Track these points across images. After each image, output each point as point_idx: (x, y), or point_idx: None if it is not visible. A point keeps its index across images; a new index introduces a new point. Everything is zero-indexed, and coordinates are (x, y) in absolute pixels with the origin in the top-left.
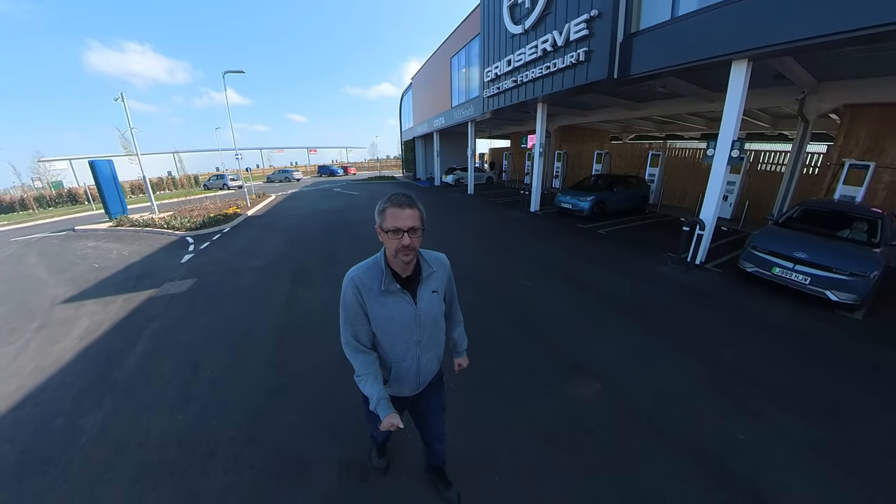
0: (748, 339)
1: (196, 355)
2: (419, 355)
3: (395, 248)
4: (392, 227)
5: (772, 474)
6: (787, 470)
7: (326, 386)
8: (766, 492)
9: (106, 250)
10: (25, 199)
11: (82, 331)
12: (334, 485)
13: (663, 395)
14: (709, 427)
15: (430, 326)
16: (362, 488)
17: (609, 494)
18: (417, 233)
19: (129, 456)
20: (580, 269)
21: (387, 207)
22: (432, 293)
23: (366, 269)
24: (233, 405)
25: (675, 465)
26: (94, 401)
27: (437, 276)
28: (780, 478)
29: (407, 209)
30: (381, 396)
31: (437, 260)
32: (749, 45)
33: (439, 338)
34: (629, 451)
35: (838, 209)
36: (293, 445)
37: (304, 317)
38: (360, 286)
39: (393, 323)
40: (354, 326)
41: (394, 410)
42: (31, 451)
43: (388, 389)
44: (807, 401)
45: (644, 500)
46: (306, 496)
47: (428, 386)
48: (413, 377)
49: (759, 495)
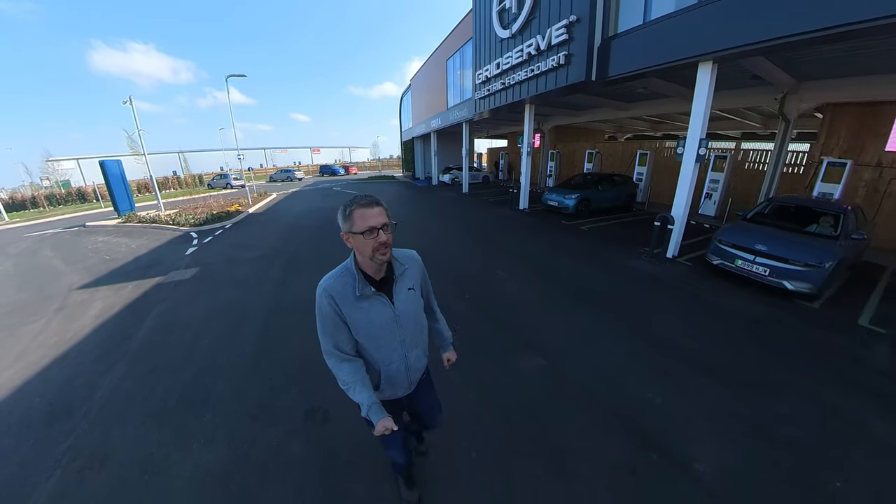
0: (699, 324)
1: (197, 329)
2: (405, 354)
3: (373, 247)
4: (366, 227)
5: (684, 435)
6: (702, 432)
7: (302, 353)
8: (677, 449)
9: (116, 244)
10: (36, 197)
11: (97, 311)
12: (299, 425)
13: (602, 368)
14: (636, 396)
15: (412, 324)
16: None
17: (533, 445)
18: (389, 227)
19: (138, 405)
20: (555, 262)
21: (354, 209)
22: (409, 290)
23: (337, 276)
24: (223, 367)
25: (597, 423)
26: (109, 365)
27: (410, 273)
28: (693, 438)
29: (375, 207)
30: (372, 402)
31: (408, 257)
32: (711, 48)
33: (423, 334)
34: (560, 412)
35: (804, 204)
36: (269, 396)
37: (290, 299)
38: (335, 294)
39: (374, 327)
40: (334, 336)
41: (386, 414)
42: (58, 402)
43: (381, 395)
44: (739, 378)
45: (566, 449)
46: (275, 432)
47: (419, 383)
48: (404, 377)
49: (666, 450)
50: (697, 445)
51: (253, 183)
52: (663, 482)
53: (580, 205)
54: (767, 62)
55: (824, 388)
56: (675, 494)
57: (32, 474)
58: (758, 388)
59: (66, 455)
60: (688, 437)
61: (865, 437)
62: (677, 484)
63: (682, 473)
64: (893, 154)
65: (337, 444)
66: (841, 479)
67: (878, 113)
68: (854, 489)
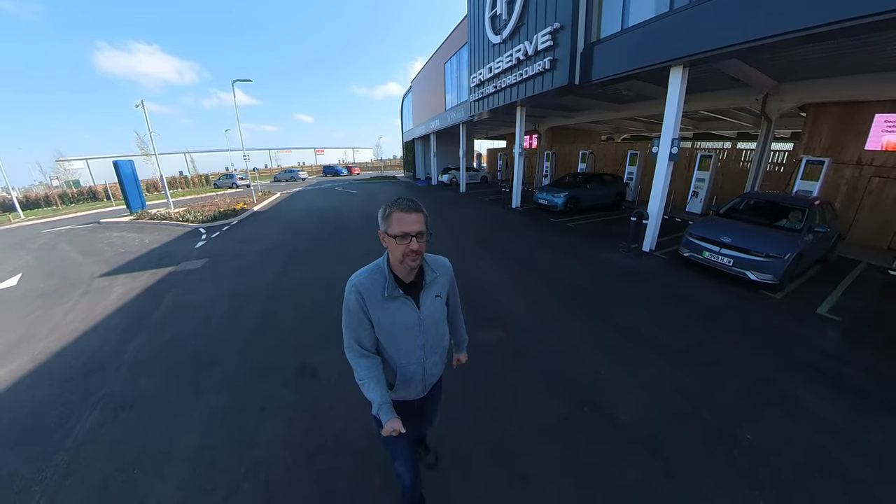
0: (659, 310)
1: (207, 309)
2: (424, 359)
3: (403, 252)
4: (400, 232)
5: (619, 396)
6: (635, 395)
7: (295, 328)
8: (608, 406)
9: (129, 239)
10: (49, 195)
11: (118, 295)
12: (291, 379)
13: (556, 343)
14: (585, 367)
15: (434, 330)
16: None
17: (485, 406)
18: (424, 237)
19: (159, 364)
20: (535, 255)
21: (393, 212)
22: (435, 298)
23: (368, 274)
24: (230, 337)
25: (544, 387)
26: (132, 335)
27: (440, 281)
28: (626, 399)
29: (413, 213)
30: (384, 401)
31: (439, 265)
32: (681, 53)
33: (443, 341)
34: (511, 378)
35: (774, 200)
36: (268, 358)
37: (288, 286)
38: (363, 292)
39: (397, 328)
40: (357, 331)
41: (396, 415)
42: (92, 362)
43: (394, 394)
44: (683, 354)
45: (515, 409)
46: (271, 385)
47: (432, 388)
48: (419, 381)
49: (599, 406)
50: (627, 403)
51: (258, 183)
52: (588, 427)
53: (569, 203)
54: (743, 64)
55: (763, 363)
56: (596, 434)
57: (76, 412)
58: (699, 363)
59: (102, 399)
60: (621, 398)
61: (787, 402)
62: (599, 427)
63: (607, 421)
64: (873, 152)
65: (321, 393)
66: (752, 433)
67: (858, 112)
68: (761, 441)
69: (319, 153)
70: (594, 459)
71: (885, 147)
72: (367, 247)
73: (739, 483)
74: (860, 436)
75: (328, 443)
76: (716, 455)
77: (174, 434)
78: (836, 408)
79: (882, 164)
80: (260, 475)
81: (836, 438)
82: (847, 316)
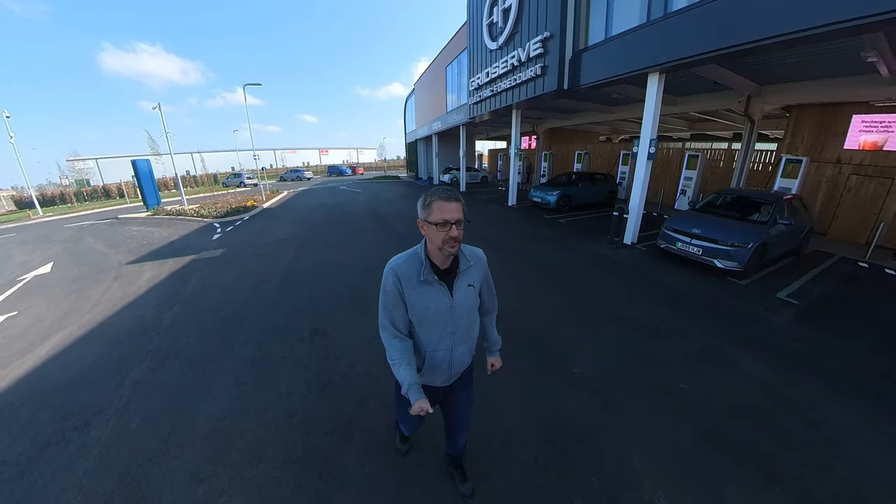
0: (630, 291)
1: (229, 286)
2: (452, 346)
3: (443, 239)
4: (440, 220)
5: (577, 355)
6: (591, 354)
7: (308, 300)
8: (565, 361)
9: (149, 232)
10: (65, 193)
11: (148, 278)
12: (305, 337)
13: (532, 315)
14: (552, 333)
15: (465, 319)
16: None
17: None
18: (461, 224)
19: (193, 328)
20: (523, 246)
21: (433, 200)
22: (468, 287)
23: (405, 259)
24: (253, 307)
25: (517, 349)
26: (168, 307)
27: (473, 271)
28: (582, 357)
29: (453, 202)
30: (413, 382)
31: (474, 255)
32: (655, 61)
33: (473, 332)
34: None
35: (745, 195)
36: (285, 322)
37: (300, 269)
38: (400, 275)
39: (429, 312)
40: (392, 312)
41: (424, 396)
42: (136, 327)
43: (421, 379)
44: (643, 326)
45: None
46: (289, 341)
47: (458, 379)
48: (446, 368)
49: (557, 360)
50: (582, 360)
51: (265, 182)
52: (544, 375)
53: (561, 200)
54: (722, 69)
55: (713, 335)
56: (549, 381)
57: (129, 362)
58: (656, 333)
59: (150, 353)
60: (578, 356)
61: (726, 364)
62: (553, 376)
63: (562, 372)
64: (851, 151)
65: (332, 352)
66: (687, 384)
67: (837, 113)
68: (692, 389)
69: (324, 153)
70: (547, 397)
71: (862, 146)
72: (369, 238)
73: (665, 415)
74: (783, 389)
75: (336, 380)
76: (648, 396)
77: (213, 375)
78: (769, 369)
79: (860, 162)
80: (283, 401)
81: (761, 390)
82: (805, 300)
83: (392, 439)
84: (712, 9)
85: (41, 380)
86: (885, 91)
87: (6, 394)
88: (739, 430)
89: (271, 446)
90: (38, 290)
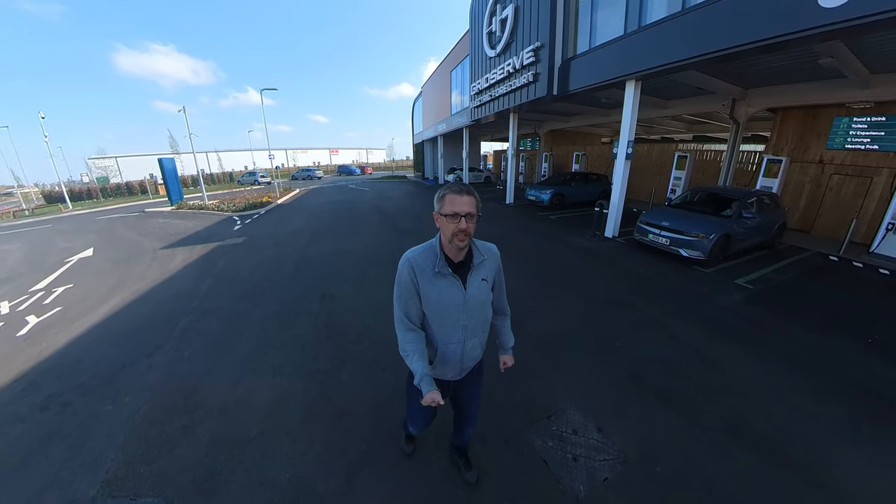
0: (599, 274)
1: (253, 267)
2: (464, 340)
3: (452, 231)
4: (450, 212)
5: (533, 317)
6: (547, 318)
7: (319, 276)
8: (522, 321)
9: (175, 224)
10: (91, 189)
11: (181, 259)
12: (315, 300)
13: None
14: (518, 301)
15: (477, 313)
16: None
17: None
18: (473, 219)
19: (226, 294)
20: (512, 237)
21: (446, 194)
22: (482, 281)
23: (421, 251)
24: (273, 281)
25: None
26: (202, 280)
27: (487, 265)
28: (538, 319)
29: (465, 196)
30: (425, 373)
31: (487, 250)
32: (630, 70)
33: (485, 326)
34: None
35: (715, 192)
36: (300, 291)
37: (313, 254)
38: (415, 267)
39: (443, 304)
40: (406, 304)
41: (436, 387)
42: (178, 294)
43: (432, 372)
44: (600, 300)
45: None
46: (304, 302)
47: (469, 373)
48: (457, 361)
49: (514, 321)
50: (537, 321)
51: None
52: None
53: (554, 198)
54: (703, 75)
55: (662, 310)
56: None
57: (176, 315)
58: (611, 306)
59: (192, 310)
60: (534, 318)
61: (664, 331)
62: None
63: (517, 329)
64: (832, 152)
65: (336, 310)
66: (622, 343)
67: (819, 115)
68: (625, 346)
69: (334, 153)
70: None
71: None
72: (374, 230)
73: (599, 362)
74: (706, 350)
75: (339, 329)
76: (585, 348)
77: (245, 323)
78: (701, 336)
79: (840, 162)
80: (299, 341)
81: (686, 350)
82: (761, 286)
83: (398, 442)
84: (677, 24)
85: (108, 329)
86: (859, 94)
87: (80, 338)
88: (653, 373)
89: (289, 366)
90: (86, 269)
